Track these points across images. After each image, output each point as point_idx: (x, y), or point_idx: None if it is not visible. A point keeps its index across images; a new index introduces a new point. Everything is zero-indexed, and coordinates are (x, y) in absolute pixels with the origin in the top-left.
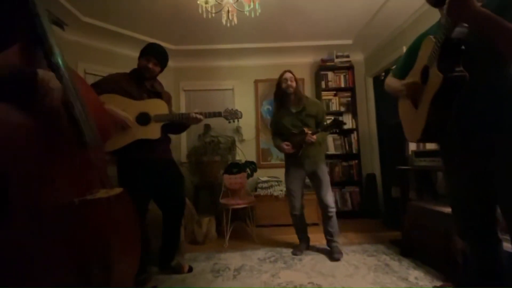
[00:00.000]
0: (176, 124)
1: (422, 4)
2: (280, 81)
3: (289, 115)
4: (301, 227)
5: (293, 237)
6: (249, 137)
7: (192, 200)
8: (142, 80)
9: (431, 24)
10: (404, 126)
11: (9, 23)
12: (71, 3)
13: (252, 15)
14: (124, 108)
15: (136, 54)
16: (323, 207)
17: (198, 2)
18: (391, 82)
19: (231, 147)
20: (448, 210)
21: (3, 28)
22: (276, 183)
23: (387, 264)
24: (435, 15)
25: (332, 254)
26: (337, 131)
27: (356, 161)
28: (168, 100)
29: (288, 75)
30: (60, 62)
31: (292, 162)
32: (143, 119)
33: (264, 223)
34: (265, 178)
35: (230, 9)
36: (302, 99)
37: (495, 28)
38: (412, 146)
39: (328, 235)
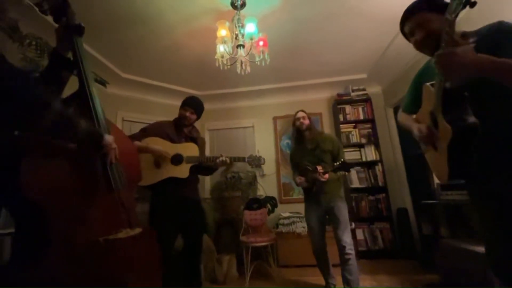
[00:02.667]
0: (206, 166)
1: None
2: (294, 120)
3: (305, 151)
4: (324, 266)
5: (318, 279)
6: (269, 171)
7: (213, 237)
8: (181, 127)
9: None
10: (430, 166)
11: (60, 80)
12: (113, 64)
13: (263, 64)
14: (163, 148)
15: (167, 101)
16: (340, 247)
17: (216, 57)
18: (403, 119)
19: (252, 182)
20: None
21: (54, 84)
22: (298, 219)
23: None
24: None
25: None
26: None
27: (384, 194)
28: (202, 144)
29: (300, 114)
30: (101, 116)
31: (309, 197)
32: (177, 159)
33: (287, 263)
34: (286, 214)
35: (243, 60)
36: (316, 136)
37: (500, 71)
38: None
39: (346, 283)
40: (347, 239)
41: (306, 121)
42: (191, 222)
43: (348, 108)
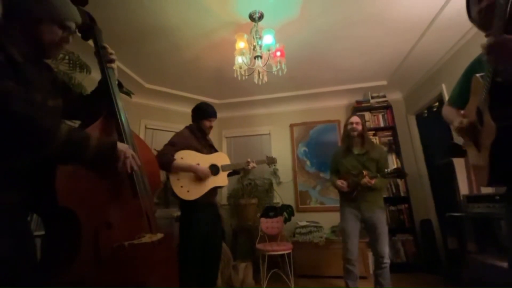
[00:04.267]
0: (234, 171)
1: (458, 40)
2: (346, 124)
3: (350, 156)
4: (352, 275)
5: None
6: (286, 179)
7: (230, 244)
8: (202, 136)
9: (470, 59)
10: (472, 168)
11: (100, 103)
12: (138, 75)
13: (280, 74)
14: (198, 161)
15: (187, 109)
16: (378, 258)
17: (234, 67)
18: (448, 112)
19: (268, 189)
20: None
21: (100, 102)
22: (316, 229)
23: None
24: (474, 49)
25: None
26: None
27: (406, 205)
28: None
29: (354, 119)
30: (126, 127)
31: (348, 202)
32: (214, 169)
33: (304, 273)
34: (303, 223)
35: (260, 70)
36: (366, 143)
37: None
38: (464, 190)
39: (378, 284)
40: (386, 250)
41: (359, 127)
42: (215, 226)
43: (367, 115)
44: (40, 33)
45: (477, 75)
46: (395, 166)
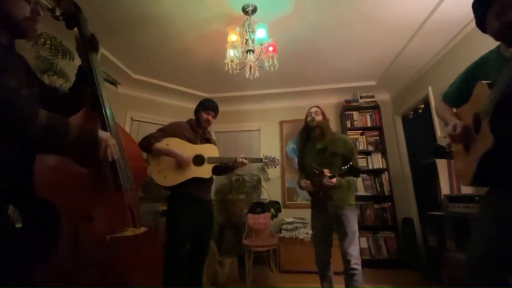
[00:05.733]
0: (224, 167)
1: (445, 44)
2: (306, 116)
3: (313, 152)
4: (326, 280)
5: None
6: (274, 176)
7: (216, 239)
8: (197, 128)
9: (456, 63)
10: (455, 166)
11: (82, 95)
12: (125, 64)
13: (272, 70)
14: (183, 149)
15: (175, 102)
16: (345, 261)
17: (225, 61)
18: (442, 109)
19: (256, 185)
20: None
21: (79, 98)
22: (302, 225)
23: None
24: (461, 54)
25: None
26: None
27: (390, 203)
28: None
29: (313, 109)
30: (110, 119)
31: (316, 203)
32: (199, 160)
33: (289, 269)
34: (290, 219)
35: (252, 65)
36: (326, 135)
37: None
38: (445, 190)
39: None
40: (353, 252)
41: (318, 117)
42: (205, 223)
43: (355, 115)
44: (8, 10)
45: (484, 82)
46: (350, 164)
